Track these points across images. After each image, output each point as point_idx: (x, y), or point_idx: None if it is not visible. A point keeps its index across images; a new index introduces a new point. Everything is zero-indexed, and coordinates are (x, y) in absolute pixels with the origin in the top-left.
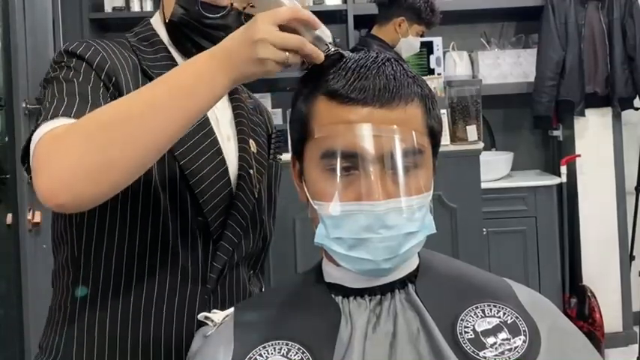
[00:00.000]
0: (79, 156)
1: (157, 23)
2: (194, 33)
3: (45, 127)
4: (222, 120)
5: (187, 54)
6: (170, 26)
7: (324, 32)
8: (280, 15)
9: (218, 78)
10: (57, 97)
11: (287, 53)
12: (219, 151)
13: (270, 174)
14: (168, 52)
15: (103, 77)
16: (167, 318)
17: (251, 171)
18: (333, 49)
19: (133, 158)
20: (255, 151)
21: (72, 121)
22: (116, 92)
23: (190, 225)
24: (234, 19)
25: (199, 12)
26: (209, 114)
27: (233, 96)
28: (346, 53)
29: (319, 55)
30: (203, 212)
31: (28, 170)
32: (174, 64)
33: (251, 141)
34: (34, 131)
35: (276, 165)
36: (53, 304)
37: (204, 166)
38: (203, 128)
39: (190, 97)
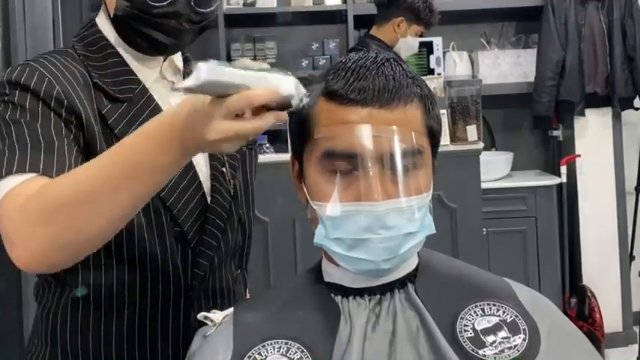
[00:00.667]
0: (45, 233)
1: (102, 22)
2: (143, 25)
3: (2, 187)
4: None
5: (138, 49)
6: (116, 22)
7: (287, 88)
8: (235, 107)
9: (178, 157)
10: (7, 145)
11: (248, 137)
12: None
13: (244, 164)
14: (118, 55)
15: (53, 105)
16: (151, 330)
17: (223, 169)
18: (301, 102)
19: (100, 229)
20: None
21: (28, 176)
22: (71, 116)
23: (167, 237)
24: (183, 5)
25: (145, 1)
26: None
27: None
28: (312, 101)
29: (283, 119)
30: (178, 222)
31: None
32: (125, 68)
33: None
34: None
35: (249, 153)
36: (37, 316)
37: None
38: None
39: (151, 173)
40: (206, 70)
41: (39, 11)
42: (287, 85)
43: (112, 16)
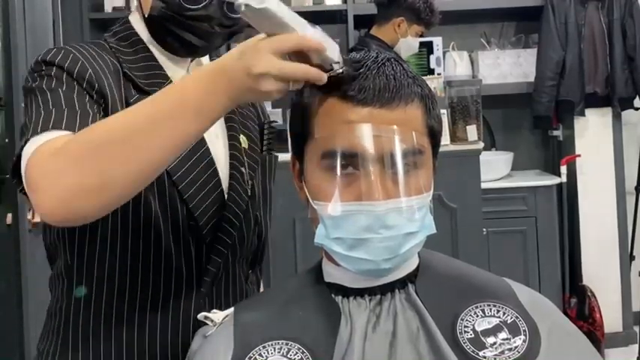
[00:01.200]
0: (76, 177)
1: (136, 21)
2: (176, 26)
3: (35, 142)
4: None
5: (169, 49)
6: (150, 21)
7: (332, 50)
8: (285, 45)
9: (221, 99)
10: (43, 108)
11: (290, 82)
12: (207, 152)
13: (264, 167)
14: (149, 50)
15: (85, 86)
16: (162, 324)
17: (242, 169)
18: (339, 69)
19: (130, 178)
20: (246, 146)
21: (63, 133)
22: (100, 99)
23: (182, 230)
24: (215, 9)
25: (180, 4)
26: None
27: None
28: (351, 72)
29: (322, 79)
30: (194, 217)
31: (18, 183)
32: (155, 63)
33: (242, 137)
34: (23, 146)
35: (269, 158)
36: (50, 309)
37: (191, 169)
38: None
39: (193, 116)
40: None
41: (39, 11)
42: (335, 48)
43: (146, 15)
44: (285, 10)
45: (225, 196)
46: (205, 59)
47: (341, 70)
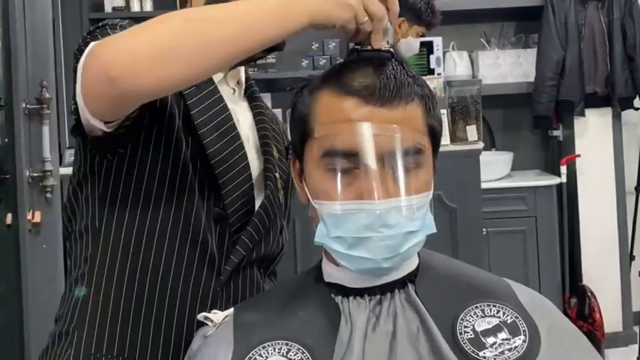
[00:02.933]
0: (151, 35)
1: None
2: None
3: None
4: (243, 122)
5: None
6: None
7: (391, 32)
8: None
9: (301, 5)
10: (109, 31)
11: (367, 17)
12: (242, 147)
13: (286, 183)
14: None
15: None
16: (181, 300)
17: (276, 174)
18: (387, 46)
19: (205, 54)
20: (277, 157)
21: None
22: None
23: (208, 213)
24: None
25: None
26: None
27: (254, 103)
28: (394, 57)
29: (377, 42)
30: (223, 203)
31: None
32: None
33: (274, 147)
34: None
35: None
36: (71, 275)
37: (227, 158)
38: (226, 122)
39: (275, 20)
40: None
41: (39, 11)
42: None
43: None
44: None
45: (256, 194)
46: (242, 70)
47: (388, 48)
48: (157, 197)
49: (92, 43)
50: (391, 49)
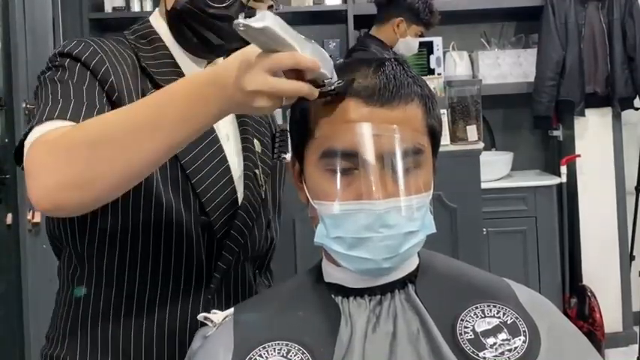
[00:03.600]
0: (65, 168)
1: (156, 20)
2: (197, 22)
3: (38, 131)
4: (224, 119)
5: (187, 48)
6: (172, 15)
7: (326, 67)
8: (279, 64)
9: (210, 109)
10: (51, 99)
11: (283, 98)
12: (220, 149)
13: (274, 174)
14: (167, 49)
15: (99, 77)
16: (170, 317)
17: (256, 171)
18: (330, 86)
19: (117, 176)
20: (259, 150)
21: (66, 123)
22: (113, 93)
23: (194, 224)
24: (236, 9)
25: (204, 1)
26: None
27: None
28: (342, 89)
29: (314, 95)
30: (206, 211)
31: (23, 168)
32: (172, 61)
33: (255, 141)
34: (27, 133)
35: (280, 165)
36: (59, 297)
37: (204, 165)
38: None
39: (180, 123)
40: (271, 18)
41: (39, 11)
42: (329, 64)
43: (168, 9)
44: (283, 28)
45: (239, 195)
46: (221, 61)
47: (332, 88)
48: (132, 222)
49: (30, 139)
50: (332, 88)
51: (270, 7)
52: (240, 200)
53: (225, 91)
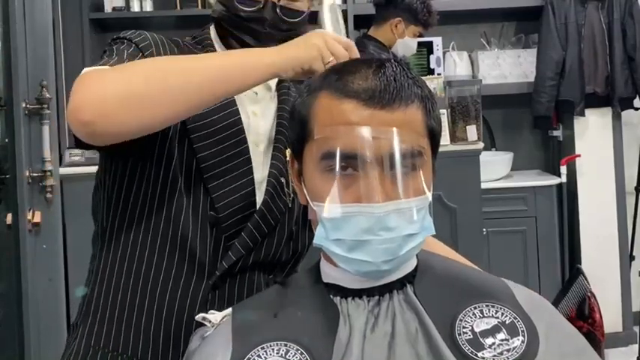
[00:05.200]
0: (121, 83)
1: (213, 29)
2: (233, 27)
3: (92, 67)
4: (263, 125)
5: (231, 49)
6: (214, 23)
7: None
8: (339, 39)
9: (266, 54)
10: (106, 57)
11: (331, 57)
12: (244, 152)
13: None
14: (215, 51)
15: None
16: (170, 301)
17: (282, 179)
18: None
19: (166, 104)
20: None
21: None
22: None
23: (201, 218)
24: (269, 11)
25: (235, 6)
26: (244, 118)
27: (280, 105)
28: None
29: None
30: (215, 207)
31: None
32: None
33: (288, 150)
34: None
35: None
36: (90, 267)
37: (223, 163)
38: (231, 127)
39: (238, 67)
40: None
41: (39, 11)
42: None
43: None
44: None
45: (258, 199)
46: None
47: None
48: (149, 203)
49: (85, 70)
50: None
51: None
52: (258, 205)
53: (283, 45)
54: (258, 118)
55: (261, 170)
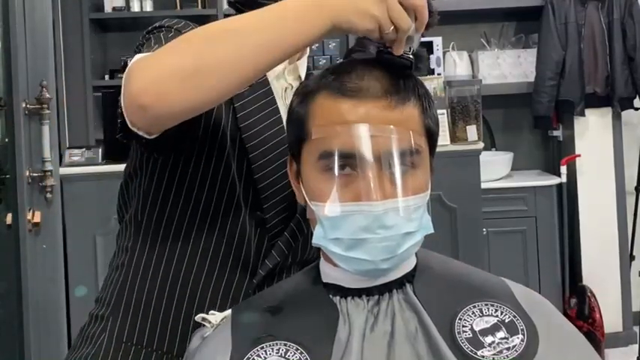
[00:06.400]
0: (174, 58)
1: None
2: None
3: (139, 56)
4: None
5: None
6: (235, 9)
7: (417, 39)
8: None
9: (324, 12)
10: (152, 44)
11: (392, 26)
12: (287, 151)
13: None
14: None
15: None
16: (211, 299)
17: None
18: (410, 55)
19: (225, 73)
20: None
21: None
22: None
23: (248, 217)
24: None
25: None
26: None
27: None
28: (419, 65)
29: (398, 50)
30: (262, 207)
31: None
32: None
33: None
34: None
35: None
36: (113, 261)
37: (268, 164)
38: (273, 126)
39: (291, 26)
40: None
41: (39, 11)
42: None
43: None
44: None
45: (298, 198)
46: (302, 66)
47: (411, 56)
48: (197, 198)
49: (136, 57)
50: (411, 57)
51: None
52: (298, 204)
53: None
54: None
55: None
